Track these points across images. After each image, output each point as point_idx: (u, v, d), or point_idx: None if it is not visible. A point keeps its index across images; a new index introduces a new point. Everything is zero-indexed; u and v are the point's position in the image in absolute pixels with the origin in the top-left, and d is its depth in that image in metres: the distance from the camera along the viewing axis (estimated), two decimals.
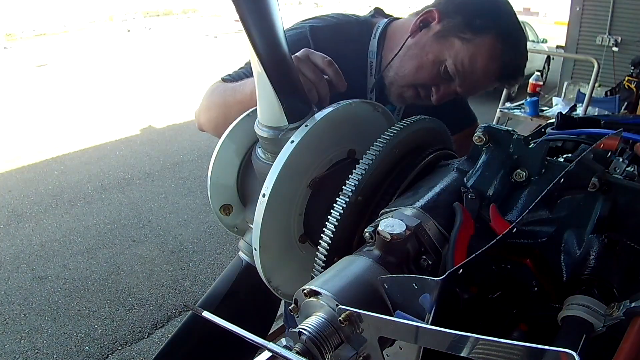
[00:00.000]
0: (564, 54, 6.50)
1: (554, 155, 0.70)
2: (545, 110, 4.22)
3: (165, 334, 2.75)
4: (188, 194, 4.54)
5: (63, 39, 19.33)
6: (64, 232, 3.87)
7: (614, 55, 5.73)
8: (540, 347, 0.30)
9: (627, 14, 5.74)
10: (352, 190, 0.57)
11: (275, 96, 0.61)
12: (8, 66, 12.48)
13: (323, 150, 0.66)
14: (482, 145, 0.59)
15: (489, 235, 0.48)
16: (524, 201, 0.57)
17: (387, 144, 0.60)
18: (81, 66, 11.78)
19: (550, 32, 11.73)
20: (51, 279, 3.25)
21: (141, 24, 24.99)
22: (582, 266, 0.51)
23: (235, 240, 0.85)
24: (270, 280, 0.66)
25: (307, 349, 0.41)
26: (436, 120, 0.71)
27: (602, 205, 0.54)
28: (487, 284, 0.51)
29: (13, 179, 5.01)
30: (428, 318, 0.40)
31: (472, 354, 0.33)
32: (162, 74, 10.44)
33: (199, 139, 6.00)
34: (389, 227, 0.48)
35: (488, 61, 0.96)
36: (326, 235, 0.57)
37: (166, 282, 3.21)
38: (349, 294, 0.45)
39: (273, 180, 0.59)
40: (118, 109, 7.69)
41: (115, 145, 5.94)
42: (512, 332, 0.51)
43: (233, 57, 11.05)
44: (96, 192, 4.61)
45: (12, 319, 2.87)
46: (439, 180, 0.61)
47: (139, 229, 3.92)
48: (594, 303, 0.45)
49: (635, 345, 0.40)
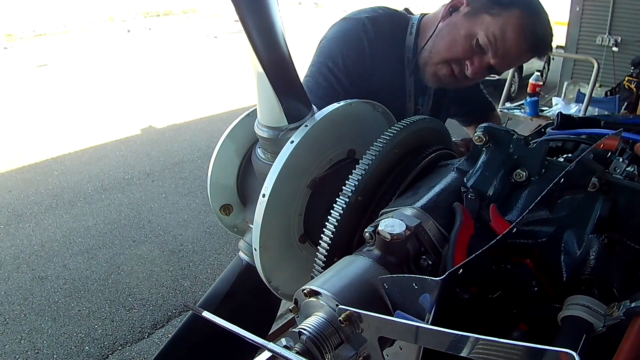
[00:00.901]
0: (564, 54, 6.48)
1: (554, 155, 0.70)
2: (545, 110, 4.21)
3: (165, 334, 2.75)
4: (188, 194, 4.54)
5: (63, 39, 19.31)
6: (64, 232, 3.87)
7: (614, 55, 5.73)
8: (540, 347, 0.30)
9: (627, 14, 5.73)
10: (352, 191, 0.57)
11: (275, 96, 0.61)
12: (8, 66, 12.48)
13: (323, 150, 0.66)
14: (482, 145, 0.59)
15: (489, 235, 0.48)
16: (524, 201, 0.57)
17: (387, 144, 0.60)
18: (81, 66, 11.78)
19: None
20: (51, 279, 3.25)
21: (141, 24, 24.96)
22: (582, 266, 0.51)
23: (235, 240, 0.85)
24: (270, 280, 0.66)
25: (307, 349, 0.41)
26: (436, 120, 0.71)
27: (602, 205, 0.54)
28: (487, 284, 0.51)
29: (13, 179, 5.01)
30: (428, 318, 0.40)
31: (472, 354, 0.33)
32: (162, 74, 10.44)
33: (199, 139, 6.00)
34: (389, 227, 0.48)
35: (518, 32, 1.01)
36: (326, 235, 0.57)
37: (166, 282, 3.20)
38: (349, 294, 0.45)
39: (273, 180, 0.59)
40: (118, 109, 7.69)
41: (115, 145, 5.94)
42: (512, 332, 0.51)
43: (233, 57, 10.97)
44: (96, 192, 4.60)
45: (12, 319, 2.87)
46: (439, 180, 0.61)
47: (139, 229, 3.92)
48: (594, 303, 0.45)
49: (635, 345, 0.40)
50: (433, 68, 1.08)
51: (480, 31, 1.01)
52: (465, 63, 1.05)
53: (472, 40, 1.02)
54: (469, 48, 1.03)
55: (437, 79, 1.10)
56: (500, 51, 1.02)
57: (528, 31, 1.01)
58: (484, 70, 1.06)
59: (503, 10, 1.00)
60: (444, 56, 1.06)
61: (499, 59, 1.03)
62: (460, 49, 1.04)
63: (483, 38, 1.01)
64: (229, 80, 9.31)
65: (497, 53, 1.02)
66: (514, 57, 1.05)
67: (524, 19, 1.00)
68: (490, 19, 1.01)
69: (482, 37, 1.01)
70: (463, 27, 1.03)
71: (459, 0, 1.06)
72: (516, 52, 1.03)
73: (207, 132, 6.32)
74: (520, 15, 1.00)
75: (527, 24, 1.01)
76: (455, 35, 1.04)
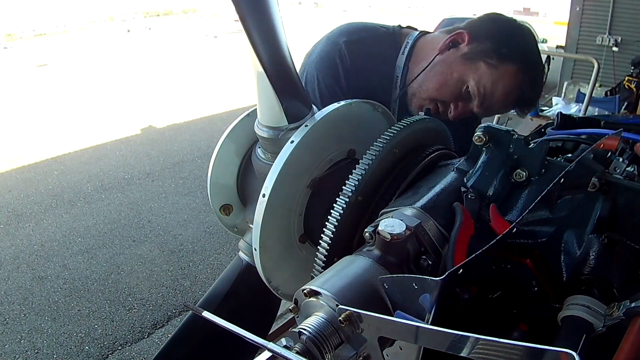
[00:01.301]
0: (564, 54, 6.49)
1: (554, 155, 0.70)
2: (545, 110, 4.22)
3: (165, 334, 2.75)
4: (188, 194, 4.54)
5: (63, 39, 19.32)
6: (64, 232, 3.87)
7: (614, 55, 5.73)
8: (540, 347, 0.30)
9: (627, 14, 5.73)
10: (352, 191, 0.57)
11: (275, 96, 0.61)
12: (8, 66, 12.48)
13: (323, 150, 0.66)
14: (482, 145, 0.59)
15: (489, 235, 0.48)
16: (524, 201, 0.57)
17: (387, 144, 0.60)
18: (81, 66, 11.78)
19: (550, 32, 11.73)
20: (51, 279, 3.25)
21: (141, 24, 24.96)
22: (582, 266, 0.51)
23: (235, 240, 0.85)
24: (270, 280, 0.66)
25: (307, 349, 0.41)
26: (436, 120, 0.71)
27: (602, 205, 0.54)
28: (487, 284, 0.51)
29: (13, 179, 5.01)
30: (428, 318, 0.40)
31: (472, 354, 0.33)
32: (162, 74, 10.44)
33: (199, 139, 6.00)
34: (389, 227, 0.48)
35: (508, 88, 1.00)
36: (326, 235, 0.57)
37: (166, 282, 3.20)
38: (349, 294, 0.45)
39: (273, 180, 0.59)
40: (118, 108, 7.69)
41: (115, 145, 5.94)
42: (512, 332, 0.51)
43: (233, 57, 10.98)
44: (96, 192, 4.60)
45: (12, 319, 2.87)
46: (439, 180, 0.61)
47: (139, 229, 3.92)
48: (594, 303, 0.45)
49: (635, 345, 0.40)
50: (419, 102, 1.08)
51: (472, 80, 1.00)
52: (450, 105, 1.05)
53: (462, 86, 1.02)
54: (457, 92, 1.03)
55: (421, 111, 1.10)
56: (487, 103, 1.02)
57: (518, 90, 1.01)
58: (467, 115, 1.06)
59: (500, 63, 0.99)
60: (431, 94, 1.06)
61: (482, 110, 1.03)
62: (448, 91, 1.04)
63: (473, 87, 1.00)
64: (229, 80, 9.32)
65: (483, 104, 1.02)
66: (497, 110, 1.08)
67: (518, 77, 1.00)
68: (485, 68, 1.00)
69: (472, 86, 1.00)
70: (457, 70, 1.02)
71: (461, 36, 1.04)
72: (500, 106, 1.05)
73: (207, 132, 6.33)
74: (515, 73, 0.99)
75: (519, 83, 1.01)
76: (447, 77, 1.03)
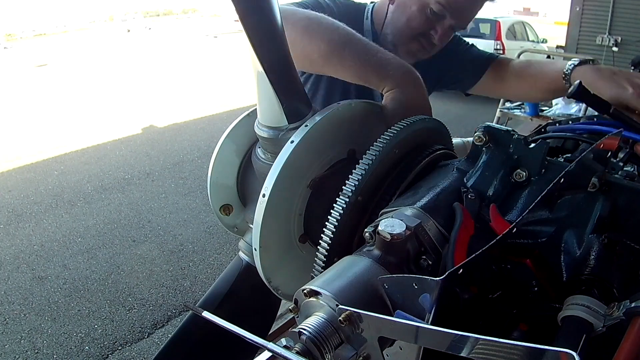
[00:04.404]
0: (564, 54, 6.49)
1: (554, 155, 0.70)
2: (545, 110, 4.22)
3: (165, 334, 2.75)
4: (188, 194, 4.54)
5: (63, 39, 19.33)
6: (64, 232, 3.87)
7: (614, 55, 5.74)
8: (540, 347, 0.30)
9: (627, 14, 5.74)
10: (352, 191, 0.57)
11: (275, 96, 0.61)
12: (8, 66, 12.48)
13: (323, 150, 0.66)
14: (482, 145, 0.59)
15: (489, 235, 0.48)
16: (524, 201, 0.57)
17: (387, 144, 0.60)
18: (81, 66, 11.79)
19: (550, 32, 11.74)
20: (51, 279, 3.25)
21: (141, 24, 24.96)
22: (582, 266, 0.51)
23: (235, 240, 0.85)
24: (270, 280, 0.66)
25: (307, 349, 0.41)
26: (436, 120, 0.71)
27: (602, 205, 0.54)
28: (487, 284, 0.51)
29: (13, 179, 5.01)
30: (428, 318, 0.40)
31: (472, 354, 0.33)
32: (162, 74, 10.44)
33: (199, 139, 6.01)
34: (389, 227, 0.48)
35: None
36: (326, 235, 0.57)
37: (166, 282, 3.21)
38: (349, 294, 0.44)
39: (273, 180, 0.59)
40: (118, 108, 7.69)
41: (115, 145, 5.95)
42: (512, 332, 0.51)
43: (233, 57, 11.01)
44: (96, 192, 4.61)
45: (12, 319, 2.87)
46: (439, 180, 0.61)
47: (139, 229, 3.92)
48: (594, 303, 0.45)
49: (635, 345, 0.40)
50: (404, 47, 1.13)
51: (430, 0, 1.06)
52: (430, 33, 1.10)
53: (426, 11, 1.07)
54: (426, 19, 1.08)
55: (413, 55, 1.15)
56: (457, 11, 1.06)
57: None
58: (449, 33, 1.11)
59: None
60: (407, 34, 1.11)
61: (457, 18, 1.08)
62: (418, 22, 1.09)
63: (435, 5, 1.05)
64: (229, 80, 9.32)
65: (454, 13, 1.07)
66: (469, 10, 1.10)
67: None
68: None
69: (434, 5, 1.06)
70: (413, 2, 1.08)
71: None
72: (471, 5, 1.09)
73: (207, 132, 6.33)
74: None
75: None
76: (409, 13, 1.09)
